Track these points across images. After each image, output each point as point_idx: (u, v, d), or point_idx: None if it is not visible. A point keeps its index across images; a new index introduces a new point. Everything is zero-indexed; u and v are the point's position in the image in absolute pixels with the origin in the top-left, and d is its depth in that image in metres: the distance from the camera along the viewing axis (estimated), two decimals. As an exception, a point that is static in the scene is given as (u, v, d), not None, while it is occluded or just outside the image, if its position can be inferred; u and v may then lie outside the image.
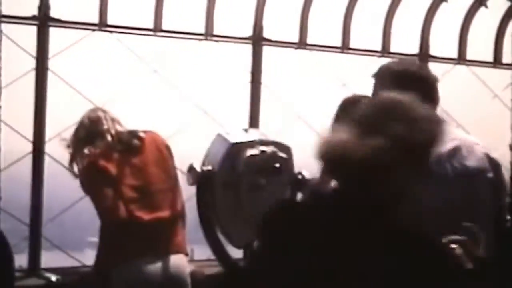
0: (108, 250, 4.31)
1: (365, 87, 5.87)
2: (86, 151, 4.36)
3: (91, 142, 4.40)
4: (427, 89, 3.08)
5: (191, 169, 3.60)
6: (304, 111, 6.18)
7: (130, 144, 4.41)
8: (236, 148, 3.56)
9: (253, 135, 3.76)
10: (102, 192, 4.22)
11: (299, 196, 3.91)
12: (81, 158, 4.37)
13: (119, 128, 4.47)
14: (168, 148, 4.53)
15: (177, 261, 4.34)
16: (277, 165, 3.60)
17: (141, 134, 4.47)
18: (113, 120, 4.51)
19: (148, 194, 4.34)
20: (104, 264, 4.33)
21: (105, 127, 4.43)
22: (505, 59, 7.02)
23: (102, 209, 4.23)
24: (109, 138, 4.38)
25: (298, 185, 3.81)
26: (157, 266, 4.25)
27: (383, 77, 3.23)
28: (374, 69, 6.56)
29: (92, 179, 4.28)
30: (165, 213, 4.34)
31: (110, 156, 4.33)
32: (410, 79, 3.10)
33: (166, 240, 4.33)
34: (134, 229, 4.24)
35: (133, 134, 4.46)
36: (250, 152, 3.55)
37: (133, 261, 4.22)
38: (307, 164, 4.01)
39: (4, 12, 5.05)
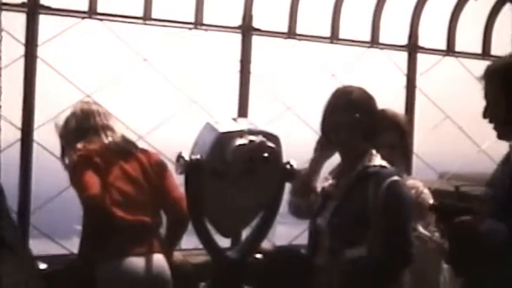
0: (91, 245, 4.30)
1: (354, 78, 5.91)
2: (79, 145, 4.33)
3: (83, 136, 4.37)
4: None
5: (179, 158, 3.58)
6: (293, 101, 6.18)
7: (124, 149, 4.39)
8: (225, 137, 3.53)
9: (242, 124, 3.74)
10: (88, 182, 4.19)
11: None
12: (73, 151, 4.34)
13: (111, 124, 4.45)
14: (160, 165, 4.51)
15: (160, 260, 4.34)
16: (266, 154, 3.58)
17: (137, 144, 4.49)
18: (106, 115, 4.48)
19: (133, 200, 4.32)
20: (88, 259, 4.32)
21: (98, 122, 4.41)
22: (494, 51, 7.05)
23: (85, 197, 4.18)
24: (103, 136, 4.36)
25: (287, 175, 3.81)
26: (140, 264, 4.25)
27: None
28: (363, 60, 6.59)
29: (82, 172, 4.24)
30: (147, 219, 4.35)
31: (103, 155, 4.31)
32: None
33: (148, 241, 4.33)
34: (117, 228, 4.23)
35: (129, 141, 4.47)
36: (239, 141, 3.53)
37: (117, 259, 4.21)
38: (296, 154, 4.01)
39: (-7, -1, 5.07)
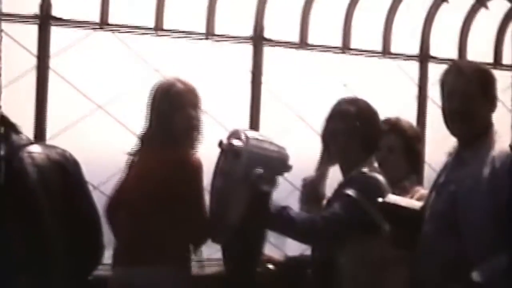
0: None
1: (366, 88, 5.90)
2: None
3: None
4: None
5: (260, 175, 3.52)
6: (304, 111, 6.16)
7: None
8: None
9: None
10: None
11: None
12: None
13: None
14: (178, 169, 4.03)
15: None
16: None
17: None
18: None
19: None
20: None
21: None
22: (505, 60, 7.03)
23: None
24: None
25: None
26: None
27: None
28: (375, 69, 6.56)
29: None
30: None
31: None
32: None
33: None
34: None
35: None
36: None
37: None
38: (308, 164, 4.00)
39: (6, 11, 5.07)
